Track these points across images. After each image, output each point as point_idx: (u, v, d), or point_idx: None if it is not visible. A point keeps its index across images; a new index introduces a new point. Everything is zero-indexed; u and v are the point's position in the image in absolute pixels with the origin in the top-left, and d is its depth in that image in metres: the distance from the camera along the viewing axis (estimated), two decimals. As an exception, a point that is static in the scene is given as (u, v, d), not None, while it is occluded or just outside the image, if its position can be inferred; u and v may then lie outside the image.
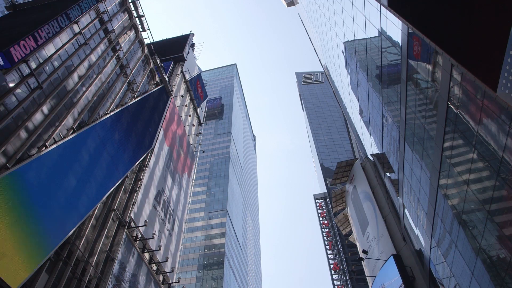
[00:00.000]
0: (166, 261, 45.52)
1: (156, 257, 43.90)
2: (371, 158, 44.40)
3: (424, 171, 21.58)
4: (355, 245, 68.23)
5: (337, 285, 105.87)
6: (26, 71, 28.17)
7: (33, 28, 29.97)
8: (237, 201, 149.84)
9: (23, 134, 26.61)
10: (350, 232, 67.51)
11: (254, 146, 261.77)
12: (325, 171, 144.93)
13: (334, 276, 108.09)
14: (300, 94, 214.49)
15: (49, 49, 31.93)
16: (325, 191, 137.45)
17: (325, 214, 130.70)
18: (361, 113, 39.47)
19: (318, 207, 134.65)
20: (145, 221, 41.78)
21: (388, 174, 35.71)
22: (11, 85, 26.67)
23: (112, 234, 35.58)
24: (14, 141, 25.70)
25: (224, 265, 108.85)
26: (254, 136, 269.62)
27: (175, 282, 46.66)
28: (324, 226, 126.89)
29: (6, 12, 44.24)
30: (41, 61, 30.46)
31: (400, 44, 20.66)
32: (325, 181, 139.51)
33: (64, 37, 34.61)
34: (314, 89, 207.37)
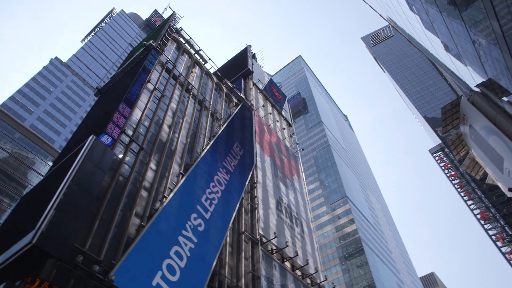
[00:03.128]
0: (307, 263, 46.03)
1: (297, 263, 44.67)
2: (477, 89, 39.91)
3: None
4: (497, 186, 61.36)
5: (493, 235, 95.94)
6: (126, 139, 31.29)
7: (117, 103, 33.28)
8: (353, 184, 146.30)
9: (144, 193, 29.47)
10: (485, 174, 61.02)
11: (349, 125, 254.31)
12: (432, 122, 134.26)
13: (486, 226, 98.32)
14: (374, 57, 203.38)
15: (137, 114, 35.10)
16: (439, 142, 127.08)
17: (449, 166, 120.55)
18: (446, 48, 35.87)
19: (438, 161, 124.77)
20: (275, 232, 42.90)
21: (505, 98, 31.68)
22: (120, 156, 29.85)
23: (249, 254, 37.20)
24: (140, 202, 28.61)
25: (364, 250, 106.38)
26: (345, 116, 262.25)
27: (323, 281, 46.84)
28: (453, 177, 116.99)
29: (95, 98, 49.90)
30: (134, 126, 33.60)
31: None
32: (435, 132, 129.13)
33: (144, 98, 37.80)
34: (386, 46, 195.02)
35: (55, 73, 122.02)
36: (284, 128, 75.19)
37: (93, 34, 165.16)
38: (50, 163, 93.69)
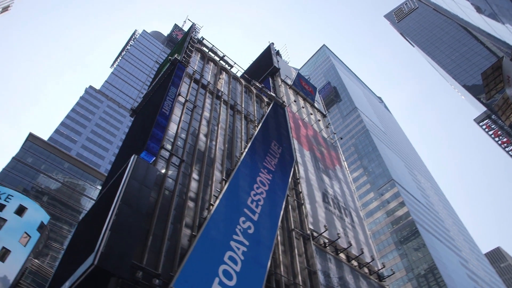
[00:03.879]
0: (362, 252, 45.17)
1: (352, 253, 43.96)
2: (518, 48, 37.62)
3: None
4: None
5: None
6: (166, 154, 32.07)
7: (152, 120, 34.20)
8: (398, 166, 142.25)
9: (190, 204, 30.09)
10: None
11: (385, 107, 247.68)
12: (473, 90, 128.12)
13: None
14: (401, 33, 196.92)
15: (172, 127, 35.92)
16: (484, 109, 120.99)
17: (499, 133, 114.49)
18: (478, 10, 34.11)
19: (486, 129, 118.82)
20: (325, 225, 42.47)
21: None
22: (163, 171, 30.64)
23: (302, 251, 37.02)
24: (188, 212, 29.22)
25: (420, 231, 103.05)
26: (379, 98, 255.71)
27: (381, 269, 45.76)
28: (505, 145, 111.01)
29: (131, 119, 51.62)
30: (172, 140, 34.40)
31: None
32: (478, 100, 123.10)
33: (177, 111, 38.63)
34: (412, 19, 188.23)
35: (91, 101, 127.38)
36: (319, 120, 74.32)
37: (120, 58, 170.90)
38: (99, 187, 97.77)
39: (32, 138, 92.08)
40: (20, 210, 58.10)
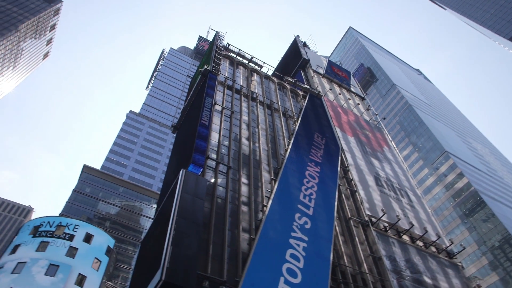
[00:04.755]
0: (427, 231, 43.47)
1: (415, 234, 42.45)
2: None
3: None
4: None
5: None
6: (212, 163, 32.62)
7: (194, 133, 34.93)
8: (449, 136, 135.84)
9: (244, 208, 30.38)
10: None
11: (425, 78, 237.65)
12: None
13: None
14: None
15: (214, 137, 36.50)
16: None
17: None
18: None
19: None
20: (382, 209, 41.37)
21: None
22: (212, 180, 31.18)
23: (363, 238, 36.25)
24: (243, 217, 29.53)
25: (486, 201, 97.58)
26: (417, 70, 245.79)
27: (450, 245, 43.79)
28: None
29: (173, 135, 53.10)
30: (216, 148, 34.95)
31: None
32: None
33: (216, 120, 39.23)
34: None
35: (134, 125, 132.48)
36: (359, 104, 72.59)
37: (154, 78, 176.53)
38: (155, 205, 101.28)
39: (86, 169, 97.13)
40: (88, 238, 61.42)
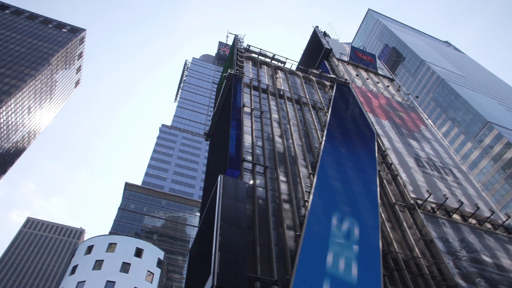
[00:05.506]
0: (478, 208, 41.69)
1: (466, 212, 40.80)
2: None
3: None
4: None
5: None
6: (249, 165, 32.79)
7: (227, 137, 35.30)
8: (489, 106, 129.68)
9: (286, 206, 30.41)
10: None
11: (455, 49, 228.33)
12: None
13: None
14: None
15: (247, 139, 36.69)
16: None
17: None
18: None
19: None
20: (427, 190, 40.08)
21: None
22: (250, 182, 31.36)
23: (411, 222, 35.27)
24: (286, 215, 29.48)
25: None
26: (446, 42, 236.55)
27: (507, 219, 41.71)
28: None
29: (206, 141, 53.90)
30: (250, 150, 35.10)
31: None
32: None
33: (247, 122, 39.44)
34: None
35: (167, 137, 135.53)
36: (388, 86, 70.74)
37: (181, 90, 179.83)
38: (198, 214, 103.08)
39: (128, 187, 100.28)
40: (138, 252, 63.44)
